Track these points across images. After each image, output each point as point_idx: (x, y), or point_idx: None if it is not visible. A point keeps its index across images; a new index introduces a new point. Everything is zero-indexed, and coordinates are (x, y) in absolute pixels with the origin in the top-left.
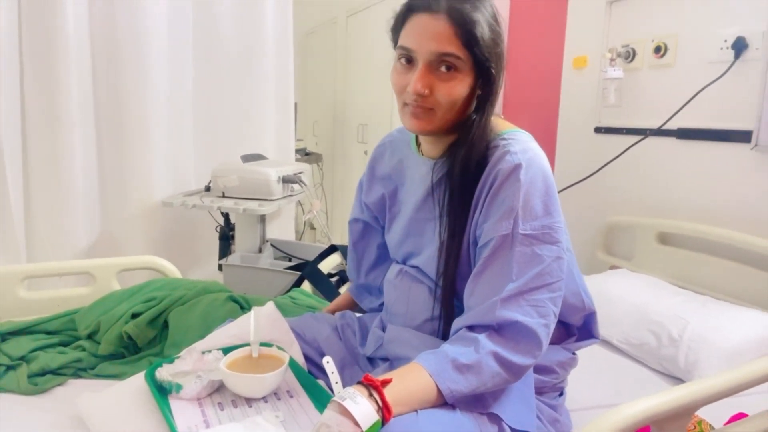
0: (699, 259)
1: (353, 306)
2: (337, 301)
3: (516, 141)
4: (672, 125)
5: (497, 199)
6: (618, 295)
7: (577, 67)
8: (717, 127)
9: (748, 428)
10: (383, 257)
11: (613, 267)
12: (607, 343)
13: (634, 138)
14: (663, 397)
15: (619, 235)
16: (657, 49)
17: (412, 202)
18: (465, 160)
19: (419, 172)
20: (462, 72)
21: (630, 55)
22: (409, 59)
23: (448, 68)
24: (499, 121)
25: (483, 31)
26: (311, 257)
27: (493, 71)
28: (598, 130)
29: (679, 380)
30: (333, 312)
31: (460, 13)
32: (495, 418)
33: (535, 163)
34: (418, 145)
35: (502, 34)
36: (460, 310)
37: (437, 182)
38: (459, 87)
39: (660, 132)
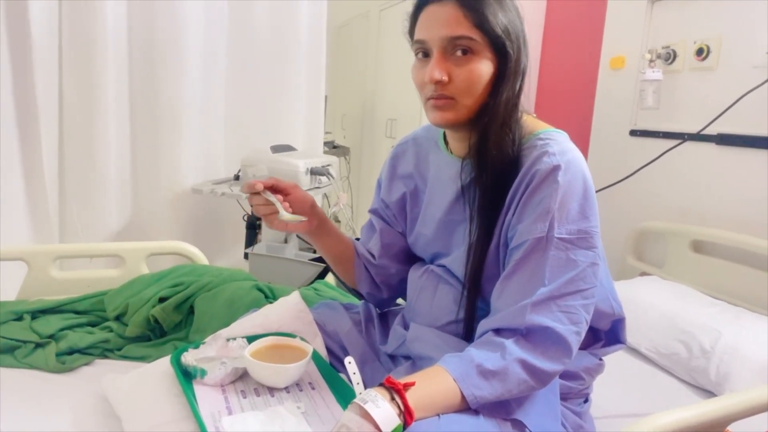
0: (734, 269)
1: (344, 253)
2: (338, 243)
3: (554, 142)
4: (711, 130)
5: (533, 200)
6: (648, 303)
7: (614, 68)
8: (759, 134)
9: None
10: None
11: (643, 274)
12: (636, 352)
13: (671, 142)
14: (696, 410)
15: (651, 241)
16: (699, 52)
17: (442, 204)
18: (490, 153)
19: (448, 172)
20: (478, 54)
21: (670, 57)
22: (425, 52)
23: (464, 52)
24: (533, 121)
25: (493, 9)
26: None
27: (510, 50)
28: (633, 132)
29: (708, 393)
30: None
31: None
32: (518, 424)
33: (574, 166)
34: (447, 144)
35: (518, 14)
36: (485, 313)
37: (468, 183)
38: (477, 69)
39: (698, 137)
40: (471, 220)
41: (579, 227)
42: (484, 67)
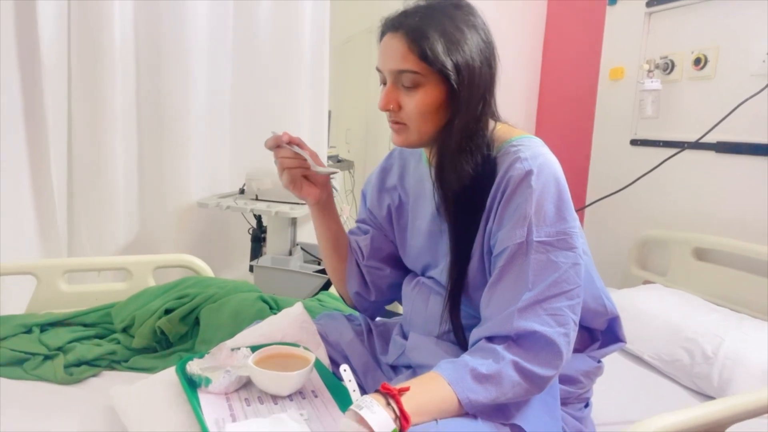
0: (737, 276)
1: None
2: (339, 226)
3: (526, 147)
4: (711, 138)
5: (510, 206)
6: (651, 310)
7: (613, 78)
8: (757, 141)
9: None
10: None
11: (646, 282)
12: (639, 359)
13: (671, 151)
14: (691, 413)
15: (653, 249)
16: (697, 61)
17: (426, 214)
18: (448, 178)
19: (429, 183)
20: (426, 85)
21: (668, 67)
22: (383, 80)
23: (411, 83)
24: (508, 128)
25: (437, 43)
26: None
27: (455, 83)
28: (634, 142)
29: (712, 399)
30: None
31: (414, 29)
32: (518, 429)
33: (546, 169)
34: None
35: (481, 38)
36: (477, 321)
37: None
38: (424, 100)
39: (698, 145)
40: (449, 231)
41: (557, 229)
42: (431, 98)
